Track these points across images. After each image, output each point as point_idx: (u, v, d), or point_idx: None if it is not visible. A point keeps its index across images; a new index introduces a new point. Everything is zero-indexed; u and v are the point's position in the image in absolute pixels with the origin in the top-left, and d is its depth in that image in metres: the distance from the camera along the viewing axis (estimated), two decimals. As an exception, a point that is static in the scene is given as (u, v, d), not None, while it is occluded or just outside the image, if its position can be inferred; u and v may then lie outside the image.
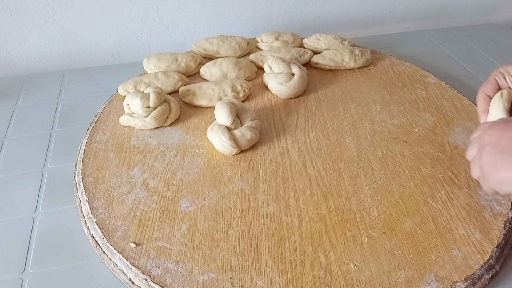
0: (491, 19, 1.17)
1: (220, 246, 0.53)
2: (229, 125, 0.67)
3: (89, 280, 0.52)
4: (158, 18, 1.00)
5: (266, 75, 0.81)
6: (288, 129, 0.71)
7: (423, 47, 1.00)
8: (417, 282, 0.49)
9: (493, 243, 0.53)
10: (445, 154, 0.66)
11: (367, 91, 0.80)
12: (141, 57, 0.89)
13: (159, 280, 0.49)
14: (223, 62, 0.83)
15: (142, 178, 0.62)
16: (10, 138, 0.75)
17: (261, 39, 0.94)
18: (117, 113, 0.75)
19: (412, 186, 0.60)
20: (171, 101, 0.74)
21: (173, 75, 0.81)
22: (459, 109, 0.75)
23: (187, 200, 0.59)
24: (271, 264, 0.51)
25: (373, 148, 0.67)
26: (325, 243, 0.53)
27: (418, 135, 0.69)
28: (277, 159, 0.65)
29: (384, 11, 1.11)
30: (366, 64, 0.87)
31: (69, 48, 0.99)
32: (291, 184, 0.61)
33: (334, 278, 0.49)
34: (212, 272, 0.50)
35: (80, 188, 0.61)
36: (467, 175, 0.62)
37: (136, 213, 0.57)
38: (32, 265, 0.54)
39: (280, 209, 0.57)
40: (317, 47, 0.91)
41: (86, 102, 0.83)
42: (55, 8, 0.94)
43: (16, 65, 0.99)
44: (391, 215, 0.56)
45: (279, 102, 0.78)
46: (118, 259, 0.52)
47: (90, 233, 0.56)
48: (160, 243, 0.53)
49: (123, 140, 0.70)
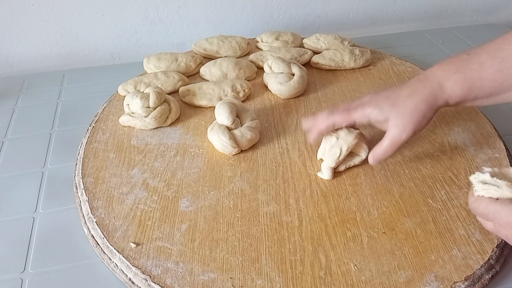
0: (491, 19, 1.17)
1: (220, 246, 0.53)
2: (229, 125, 0.67)
3: (89, 280, 0.52)
4: (158, 18, 1.00)
5: (266, 75, 0.81)
6: (288, 129, 0.71)
7: (423, 47, 1.00)
8: (417, 282, 0.49)
9: (493, 243, 0.53)
10: (445, 154, 0.66)
11: (367, 91, 0.80)
12: (141, 57, 0.89)
13: (159, 280, 0.49)
14: (223, 62, 0.83)
15: (142, 178, 0.62)
16: (10, 138, 0.75)
17: (261, 39, 0.94)
18: (117, 113, 0.75)
19: (412, 186, 0.60)
20: (171, 101, 0.74)
21: (173, 75, 0.81)
22: (459, 109, 0.75)
23: (187, 200, 0.59)
24: (271, 264, 0.51)
25: (373, 148, 0.66)
26: (325, 243, 0.53)
27: (418, 135, 0.69)
28: (277, 159, 0.65)
29: (384, 11, 1.11)
30: (366, 64, 0.87)
31: (69, 48, 0.99)
32: (291, 184, 0.61)
33: (334, 278, 0.49)
34: (212, 272, 0.50)
35: (80, 188, 0.61)
36: (467, 175, 0.62)
37: (136, 213, 0.57)
38: (32, 265, 0.54)
39: (280, 209, 0.57)
40: (317, 47, 0.91)
41: (86, 102, 0.83)
42: (55, 8, 0.94)
43: (16, 65, 0.99)
44: (391, 215, 0.56)
45: (279, 102, 0.78)
46: (118, 259, 0.52)
47: (90, 233, 0.56)
48: (160, 243, 0.53)
49: (123, 140, 0.70)
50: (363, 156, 0.62)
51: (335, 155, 0.60)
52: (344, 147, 0.60)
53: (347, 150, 0.60)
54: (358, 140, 0.61)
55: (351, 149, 0.61)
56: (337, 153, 0.60)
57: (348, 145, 0.60)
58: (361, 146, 0.62)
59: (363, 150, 0.62)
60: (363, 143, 0.62)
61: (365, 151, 0.62)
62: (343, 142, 0.60)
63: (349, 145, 0.60)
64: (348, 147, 0.60)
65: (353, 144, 0.60)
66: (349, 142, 0.60)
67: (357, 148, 0.62)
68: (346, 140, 0.60)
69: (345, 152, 0.60)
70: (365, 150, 0.62)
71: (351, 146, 0.60)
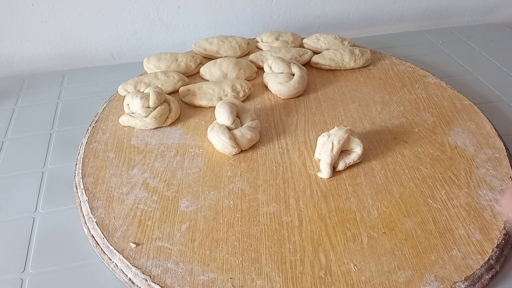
0: (491, 19, 1.17)
1: (220, 246, 0.53)
2: (229, 125, 0.67)
3: (89, 280, 0.52)
4: (158, 18, 1.00)
5: (266, 75, 0.81)
6: (288, 129, 0.71)
7: (423, 47, 1.00)
8: (417, 282, 0.49)
9: (493, 243, 0.53)
10: (445, 154, 0.66)
11: (367, 91, 0.80)
12: (141, 57, 0.89)
13: (159, 280, 0.49)
14: (223, 62, 0.83)
15: (142, 178, 0.62)
16: (10, 138, 0.75)
17: (261, 39, 0.94)
18: (117, 113, 0.75)
19: (412, 186, 0.60)
20: (171, 101, 0.74)
21: (173, 75, 0.81)
22: (459, 109, 0.75)
23: (187, 200, 0.59)
24: (271, 264, 0.51)
25: (373, 148, 0.67)
26: (325, 243, 0.53)
27: (418, 135, 0.69)
28: (277, 159, 0.65)
29: (384, 11, 1.11)
30: (366, 64, 0.87)
31: (69, 48, 0.99)
32: (291, 184, 0.61)
33: (334, 278, 0.49)
34: (212, 272, 0.50)
35: (80, 188, 0.61)
36: (467, 175, 0.62)
37: (136, 213, 0.57)
38: (32, 265, 0.54)
39: (280, 209, 0.57)
40: (317, 47, 0.91)
41: (86, 102, 0.83)
42: (55, 8, 0.94)
43: (16, 65, 0.99)
44: (391, 215, 0.56)
45: (279, 102, 0.78)
46: (118, 259, 0.52)
47: (90, 233, 0.56)
48: (160, 243, 0.53)
49: (123, 140, 0.70)
50: (359, 152, 0.63)
51: (328, 149, 0.62)
52: (335, 140, 0.62)
53: (338, 142, 0.62)
54: (349, 135, 0.62)
55: (343, 142, 0.62)
56: (330, 147, 0.62)
57: (338, 138, 0.62)
58: (354, 141, 0.63)
59: (358, 145, 0.63)
60: (356, 138, 0.63)
61: (360, 146, 0.63)
62: (334, 136, 0.62)
63: (340, 138, 0.62)
64: (339, 140, 0.62)
65: (344, 137, 0.62)
66: (339, 135, 0.62)
67: (350, 144, 0.63)
68: (336, 135, 0.62)
69: (337, 145, 0.61)
70: (360, 145, 0.63)
71: (342, 139, 0.62)
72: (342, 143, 0.62)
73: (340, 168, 0.62)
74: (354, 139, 0.63)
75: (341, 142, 0.62)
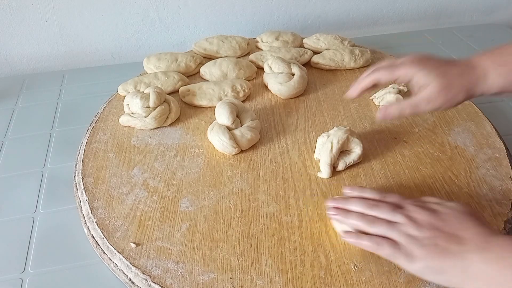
0: (491, 19, 1.17)
1: (220, 246, 0.53)
2: (229, 125, 0.67)
3: (89, 280, 0.52)
4: (158, 18, 1.00)
5: (266, 75, 0.81)
6: (288, 129, 0.71)
7: (423, 47, 1.01)
8: (417, 282, 0.49)
9: (493, 243, 0.53)
10: (445, 154, 0.66)
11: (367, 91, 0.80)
12: (141, 57, 0.89)
13: (159, 280, 0.49)
14: (223, 62, 0.83)
15: (142, 178, 0.62)
16: (10, 138, 0.75)
17: (261, 39, 0.94)
18: (117, 113, 0.75)
19: (412, 186, 0.60)
20: (171, 101, 0.74)
21: (173, 75, 0.81)
22: (459, 109, 0.75)
23: (187, 200, 0.59)
24: (271, 264, 0.51)
25: (373, 148, 0.67)
26: (325, 243, 0.53)
27: (418, 135, 0.69)
28: (277, 159, 0.65)
29: (384, 11, 1.11)
30: (366, 64, 0.87)
31: (69, 48, 0.99)
32: (291, 184, 0.61)
33: (334, 278, 0.49)
34: (212, 272, 0.50)
35: (80, 188, 0.61)
36: (467, 175, 0.62)
37: (136, 213, 0.57)
38: (32, 265, 0.54)
39: (280, 209, 0.57)
40: (317, 47, 0.91)
41: (86, 102, 0.83)
42: (55, 8, 0.94)
43: (16, 65, 0.99)
44: (391, 215, 0.56)
45: (279, 102, 0.78)
46: (118, 259, 0.52)
47: (90, 233, 0.56)
48: (160, 243, 0.53)
49: (123, 140, 0.70)
50: (358, 152, 0.62)
51: (327, 149, 0.62)
52: (334, 140, 0.62)
53: (338, 142, 0.61)
54: (348, 135, 0.62)
55: (342, 142, 0.62)
56: (329, 147, 0.61)
57: (337, 138, 0.62)
58: (354, 141, 0.63)
59: (357, 146, 0.63)
60: (355, 138, 0.63)
61: (359, 146, 0.63)
62: (333, 136, 0.62)
63: (339, 138, 0.62)
64: (338, 140, 0.62)
65: (343, 137, 0.62)
66: (338, 135, 0.62)
67: (350, 144, 0.63)
68: (335, 135, 0.62)
69: (336, 145, 0.61)
70: (359, 145, 0.63)
71: (341, 139, 0.62)
72: (341, 143, 0.62)
73: (340, 168, 0.62)
74: (354, 139, 0.63)
75: (340, 142, 0.62)
